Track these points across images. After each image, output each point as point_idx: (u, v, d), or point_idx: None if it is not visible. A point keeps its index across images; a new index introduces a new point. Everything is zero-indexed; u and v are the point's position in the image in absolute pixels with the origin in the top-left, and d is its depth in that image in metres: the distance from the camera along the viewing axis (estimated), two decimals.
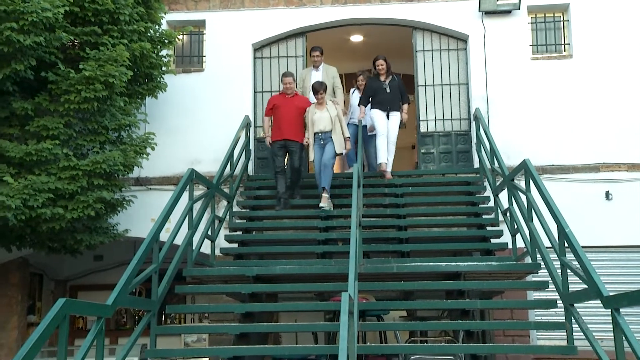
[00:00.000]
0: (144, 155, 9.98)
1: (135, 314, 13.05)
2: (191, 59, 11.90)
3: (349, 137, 9.91)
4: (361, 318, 7.13)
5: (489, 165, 9.61)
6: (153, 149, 10.10)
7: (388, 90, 10.33)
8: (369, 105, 10.44)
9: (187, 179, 7.67)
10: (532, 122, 10.79)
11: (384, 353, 7.96)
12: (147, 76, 10.47)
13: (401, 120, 10.41)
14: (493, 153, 9.28)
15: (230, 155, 9.62)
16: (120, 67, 9.09)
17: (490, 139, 9.48)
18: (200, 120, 11.17)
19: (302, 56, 11.72)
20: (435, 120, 11.39)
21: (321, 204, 9.26)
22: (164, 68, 10.59)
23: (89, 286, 12.71)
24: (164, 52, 10.79)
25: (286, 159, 10.11)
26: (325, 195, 9.35)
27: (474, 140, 10.79)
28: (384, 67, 10.45)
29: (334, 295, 7.05)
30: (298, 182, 9.94)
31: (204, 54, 11.79)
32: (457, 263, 7.59)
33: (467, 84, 11.41)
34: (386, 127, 10.27)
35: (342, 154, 10.02)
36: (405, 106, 10.45)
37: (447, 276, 7.55)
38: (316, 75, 10.57)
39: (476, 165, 10.73)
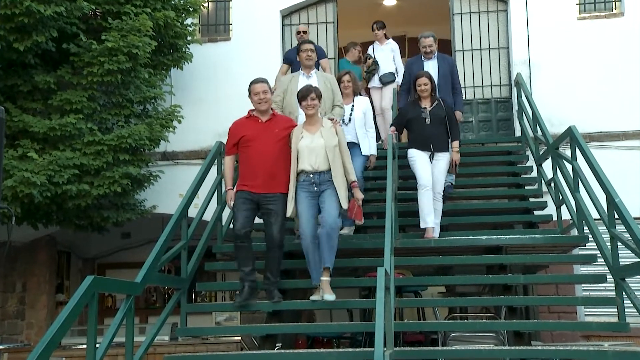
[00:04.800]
0: (171, 129, 10.04)
1: (164, 292, 13.21)
2: (217, 28, 11.84)
3: (356, 183, 6.79)
4: (398, 294, 7.11)
5: (531, 134, 9.45)
6: (180, 121, 10.14)
7: (429, 121, 7.79)
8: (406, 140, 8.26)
9: (215, 152, 7.65)
10: (578, 87, 10.55)
11: (422, 330, 7.99)
12: (171, 46, 10.47)
13: (451, 163, 7.88)
14: (536, 120, 9.12)
15: None
16: (143, 37, 9.11)
17: (533, 106, 9.31)
18: (227, 91, 11.11)
19: (333, 22, 11.60)
20: (474, 87, 11.21)
21: (325, 295, 6.38)
22: (189, 37, 10.58)
23: (117, 264, 12.88)
24: (188, 21, 10.75)
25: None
26: (326, 279, 6.44)
27: (515, 107, 10.62)
28: (427, 89, 7.86)
29: (369, 271, 7.05)
30: (278, 265, 6.72)
31: (230, 22, 11.71)
32: (499, 236, 7.52)
33: (508, 47, 11.19)
34: (429, 175, 7.68)
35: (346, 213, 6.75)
36: (456, 143, 7.88)
37: (487, 250, 7.50)
38: (308, 83, 7.49)
39: (518, 133, 10.56)
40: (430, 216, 7.56)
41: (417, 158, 7.72)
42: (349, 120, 7.80)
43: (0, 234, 3.98)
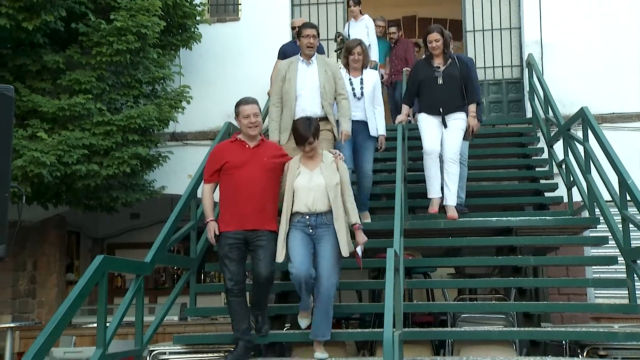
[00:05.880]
0: (180, 109, 10.06)
1: (174, 273, 13.30)
2: (226, 8, 11.82)
3: (360, 225, 5.87)
4: (407, 275, 7.09)
5: (542, 115, 9.44)
6: (189, 102, 10.16)
7: (441, 81, 7.19)
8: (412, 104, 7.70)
9: (224, 132, 7.66)
10: (590, 67, 10.48)
11: (431, 312, 8.02)
12: (180, 26, 10.49)
13: (467, 129, 7.30)
14: (547, 102, 9.08)
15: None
16: (152, 17, 9.13)
17: (545, 87, 9.27)
18: (236, 71, 11.14)
19: (343, 2, 11.53)
20: (485, 67, 11.17)
21: (315, 354, 5.68)
22: (198, 17, 10.59)
23: (126, 244, 12.97)
24: (197, 1, 10.76)
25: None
26: (320, 343, 5.70)
27: (527, 88, 10.59)
28: (439, 45, 7.28)
29: (378, 252, 7.02)
30: (265, 301, 6.05)
31: (239, 2, 11.68)
32: (509, 218, 7.50)
33: (520, 28, 11.14)
34: (437, 141, 7.20)
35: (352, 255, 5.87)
36: (472, 107, 7.29)
37: (497, 232, 7.48)
38: (308, 72, 6.91)
39: (529, 115, 10.54)
40: (434, 186, 7.26)
41: (424, 123, 7.30)
42: (361, 95, 7.23)
43: (10, 214, 3.99)
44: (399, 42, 10.77)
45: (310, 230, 5.67)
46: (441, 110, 7.16)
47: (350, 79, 7.23)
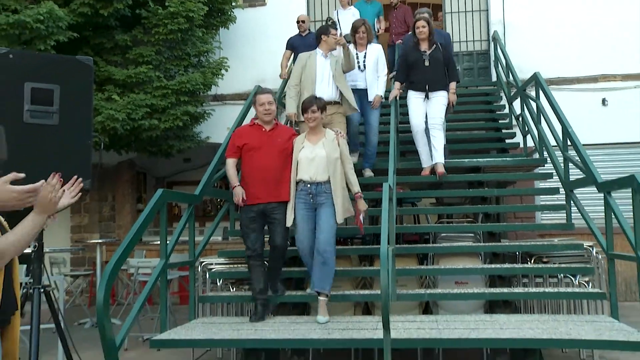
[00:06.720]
0: (219, 76, 10.04)
1: (217, 204, 13.32)
2: None
3: (360, 193, 5.38)
4: (399, 204, 7.13)
5: (504, 79, 9.41)
6: (227, 70, 10.14)
7: (427, 62, 6.92)
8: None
9: (254, 93, 7.66)
10: (542, 41, 10.40)
11: (417, 232, 8.12)
12: (219, 10, 10.39)
13: (449, 103, 7.00)
14: (508, 68, 9.06)
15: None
16: (198, 4, 9.10)
17: (507, 57, 9.24)
18: (263, 46, 11.03)
19: None
20: (460, 42, 11.06)
21: (318, 317, 5.14)
22: (233, 3, 10.48)
23: (181, 182, 13.03)
24: None
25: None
26: (322, 299, 5.21)
27: (492, 58, 10.51)
28: (425, 31, 6.93)
29: (377, 186, 7.06)
30: (280, 267, 5.54)
31: None
32: (478, 159, 7.56)
33: (487, 10, 10.98)
34: (421, 117, 6.95)
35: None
36: (453, 85, 6.99)
37: (469, 170, 7.54)
38: (325, 64, 6.54)
39: (494, 79, 10.47)
40: (424, 156, 7.07)
41: (411, 100, 7.04)
42: (364, 67, 7.05)
43: (93, 158, 4.13)
44: (398, 7, 10.23)
45: (311, 199, 5.23)
46: (427, 87, 6.91)
47: (356, 54, 7.03)
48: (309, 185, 5.23)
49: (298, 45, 8.81)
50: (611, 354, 6.01)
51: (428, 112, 6.95)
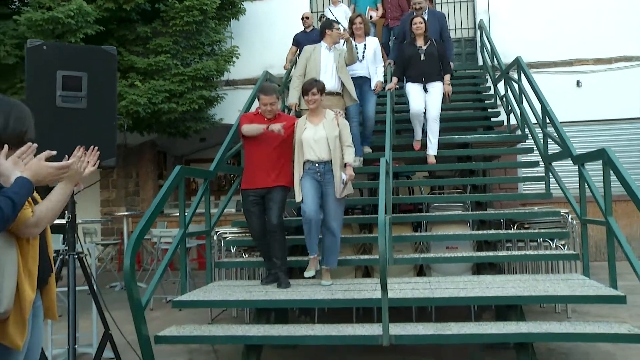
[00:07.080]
0: (231, 63, 10.04)
1: (231, 179, 13.38)
2: None
3: (350, 164, 4.99)
4: (395, 177, 7.10)
5: (490, 63, 9.33)
6: (238, 58, 10.13)
7: (423, 57, 6.77)
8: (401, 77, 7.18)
9: (262, 78, 7.58)
10: (523, 29, 10.35)
11: (412, 202, 8.13)
12: (231, 3, 10.34)
13: (444, 94, 6.87)
14: (493, 54, 8.98)
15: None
16: None
17: (492, 43, 9.15)
18: (270, 36, 10.96)
19: None
20: (449, 29, 10.93)
21: (322, 281, 5.04)
22: None
23: (198, 159, 13.11)
24: None
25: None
26: (326, 267, 5.05)
27: (479, 44, 10.39)
28: (422, 27, 6.79)
29: (375, 161, 7.01)
30: (281, 248, 5.07)
31: None
32: (466, 135, 7.53)
33: (474, 1, 10.88)
34: (421, 102, 6.78)
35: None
36: (447, 77, 6.85)
37: (459, 145, 7.48)
38: (329, 56, 6.31)
39: (480, 63, 10.38)
40: (418, 131, 7.04)
41: (410, 89, 6.87)
42: (363, 57, 6.85)
43: (118, 139, 4.14)
44: None
45: (319, 177, 4.97)
46: (423, 79, 6.81)
47: (355, 45, 6.73)
48: (316, 165, 4.99)
49: (303, 41, 8.62)
50: (583, 307, 6.15)
51: (427, 103, 6.81)
